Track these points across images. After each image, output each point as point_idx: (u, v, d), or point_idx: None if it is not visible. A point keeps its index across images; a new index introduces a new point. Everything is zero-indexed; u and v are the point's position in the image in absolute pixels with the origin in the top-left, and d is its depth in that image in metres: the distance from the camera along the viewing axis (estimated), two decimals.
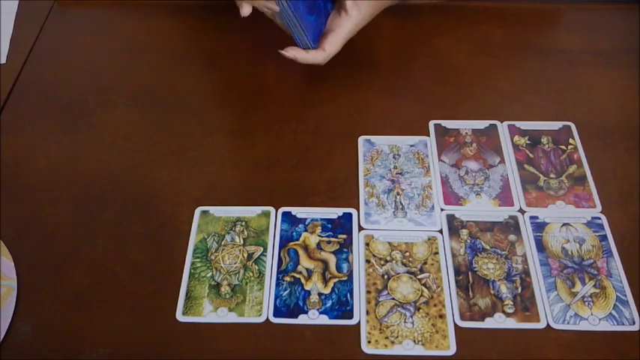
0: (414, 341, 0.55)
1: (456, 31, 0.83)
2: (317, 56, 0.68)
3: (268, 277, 0.60)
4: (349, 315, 0.57)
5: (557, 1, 0.85)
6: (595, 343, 0.55)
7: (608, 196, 0.65)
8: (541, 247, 0.61)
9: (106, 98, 0.76)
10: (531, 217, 0.63)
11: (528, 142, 0.70)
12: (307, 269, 0.60)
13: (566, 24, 0.84)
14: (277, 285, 0.59)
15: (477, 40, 0.82)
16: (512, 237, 0.62)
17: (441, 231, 0.63)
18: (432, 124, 0.72)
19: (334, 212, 0.64)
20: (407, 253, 0.61)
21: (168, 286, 0.59)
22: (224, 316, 0.57)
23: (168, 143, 0.71)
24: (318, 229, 0.63)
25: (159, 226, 0.64)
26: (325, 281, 0.59)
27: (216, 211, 0.65)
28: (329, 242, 0.62)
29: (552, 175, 0.67)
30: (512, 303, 0.57)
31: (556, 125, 0.72)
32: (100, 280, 0.60)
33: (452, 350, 0.55)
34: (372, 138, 0.71)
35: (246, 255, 0.61)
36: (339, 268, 0.60)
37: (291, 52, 0.68)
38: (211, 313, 0.57)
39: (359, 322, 0.57)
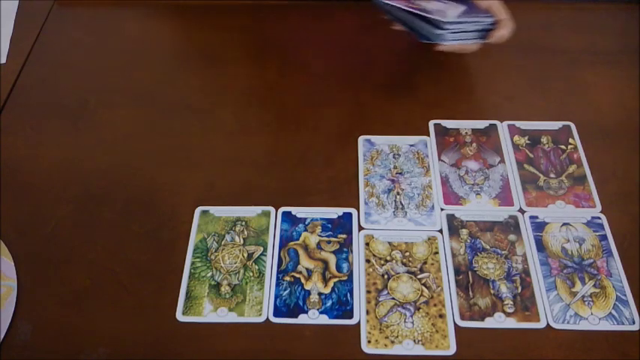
0: (414, 341, 0.55)
1: None
2: (508, 25, 0.70)
3: (268, 276, 0.60)
4: (349, 315, 0.57)
5: (557, 1, 0.85)
6: (595, 343, 0.55)
7: (608, 196, 0.65)
8: (541, 246, 0.61)
9: (106, 98, 0.76)
10: (531, 217, 0.63)
11: (528, 142, 0.70)
12: (307, 269, 0.60)
13: (566, 24, 0.84)
14: (277, 285, 0.59)
15: None
16: (512, 237, 0.62)
17: (441, 231, 0.63)
18: (432, 124, 0.72)
19: (334, 212, 0.64)
20: (407, 253, 0.61)
21: (168, 286, 0.59)
22: (224, 315, 0.57)
23: (168, 143, 0.71)
24: (318, 229, 0.63)
25: (159, 226, 0.64)
26: (325, 281, 0.59)
27: (216, 211, 0.65)
28: (329, 242, 0.62)
29: (552, 175, 0.67)
30: (512, 303, 0.57)
31: (556, 125, 0.72)
32: (100, 280, 0.60)
33: (452, 350, 0.55)
34: (372, 138, 0.71)
35: (246, 255, 0.61)
36: (339, 268, 0.60)
37: (500, 33, 0.69)
38: (211, 313, 0.57)
39: (359, 321, 0.56)
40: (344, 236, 0.62)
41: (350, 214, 0.64)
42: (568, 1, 0.85)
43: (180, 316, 0.57)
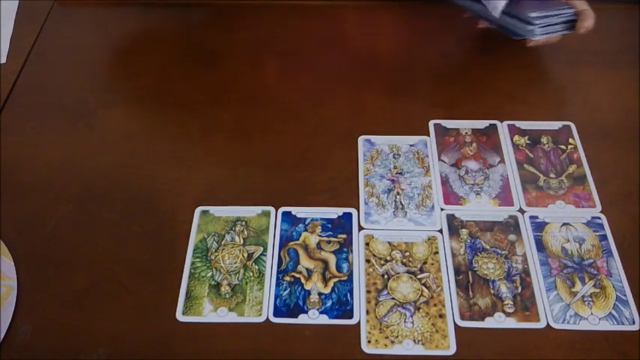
0: (414, 341, 0.55)
1: (456, 31, 0.83)
2: (590, 15, 0.71)
3: (268, 276, 0.60)
4: (349, 315, 0.57)
5: None
6: (595, 343, 0.55)
7: (608, 196, 0.65)
8: (541, 246, 0.61)
9: (106, 98, 0.76)
10: (531, 217, 0.63)
11: (528, 141, 0.70)
12: (307, 269, 0.60)
13: None
14: (277, 285, 0.59)
15: (477, 40, 0.82)
16: (512, 237, 0.62)
17: (441, 231, 0.63)
18: (431, 124, 0.72)
19: (334, 212, 0.64)
20: (407, 253, 0.61)
21: (168, 286, 0.59)
22: (224, 315, 0.57)
23: (168, 143, 0.71)
24: (318, 229, 0.63)
25: (159, 226, 0.64)
26: (325, 281, 0.59)
27: (216, 211, 0.65)
28: (329, 242, 0.62)
29: (552, 175, 0.67)
30: (512, 303, 0.57)
31: (556, 125, 0.72)
32: (100, 280, 0.60)
33: (452, 350, 0.55)
34: (372, 138, 0.71)
35: (246, 255, 0.61)
36: (339, 268, 0.60)
37: (586, 24, 0.71)
38: (211, 313, 0.57)
39: (359, 321, 0.57)
40: (344, 236, 0.62)
41: (350, 214, 0.64)
42: None
43: (180, 316, 0.57)
